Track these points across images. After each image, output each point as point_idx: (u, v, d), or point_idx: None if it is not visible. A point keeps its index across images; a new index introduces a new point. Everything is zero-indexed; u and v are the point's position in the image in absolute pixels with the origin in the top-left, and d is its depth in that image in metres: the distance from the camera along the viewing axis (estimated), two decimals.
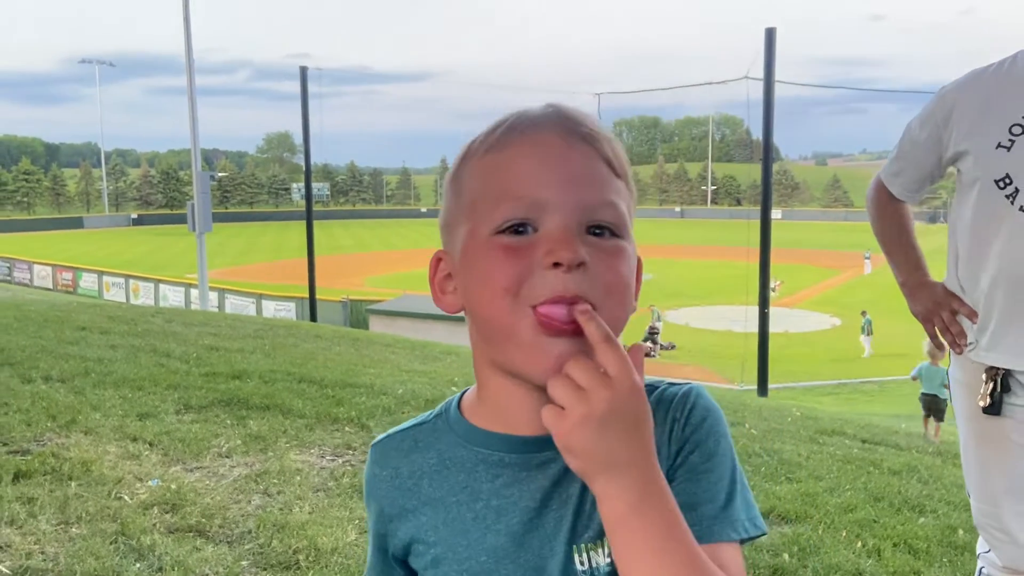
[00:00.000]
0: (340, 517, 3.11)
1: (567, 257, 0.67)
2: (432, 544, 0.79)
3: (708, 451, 0.75)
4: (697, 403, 0.77)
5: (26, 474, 3.30)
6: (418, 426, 0.83)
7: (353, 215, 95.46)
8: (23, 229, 71.23)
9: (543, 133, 0.72)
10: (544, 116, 0.74)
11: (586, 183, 0.71)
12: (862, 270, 39.45)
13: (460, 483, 0.78)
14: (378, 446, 0.85)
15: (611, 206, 0.71)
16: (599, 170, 0.72)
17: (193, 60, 20.08)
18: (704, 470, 0.74)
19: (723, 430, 0.77)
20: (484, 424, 0.79)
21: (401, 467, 0.82)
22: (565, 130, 0.72)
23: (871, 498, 3.77)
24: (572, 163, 0.71)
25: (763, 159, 16.34)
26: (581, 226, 0.70)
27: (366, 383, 5.64)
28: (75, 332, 7.33)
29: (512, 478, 0.76)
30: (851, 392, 17.62)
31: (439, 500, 0.79)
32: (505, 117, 0.75)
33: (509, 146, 0.72)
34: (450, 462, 0.79)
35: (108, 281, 33.77)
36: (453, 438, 0.80)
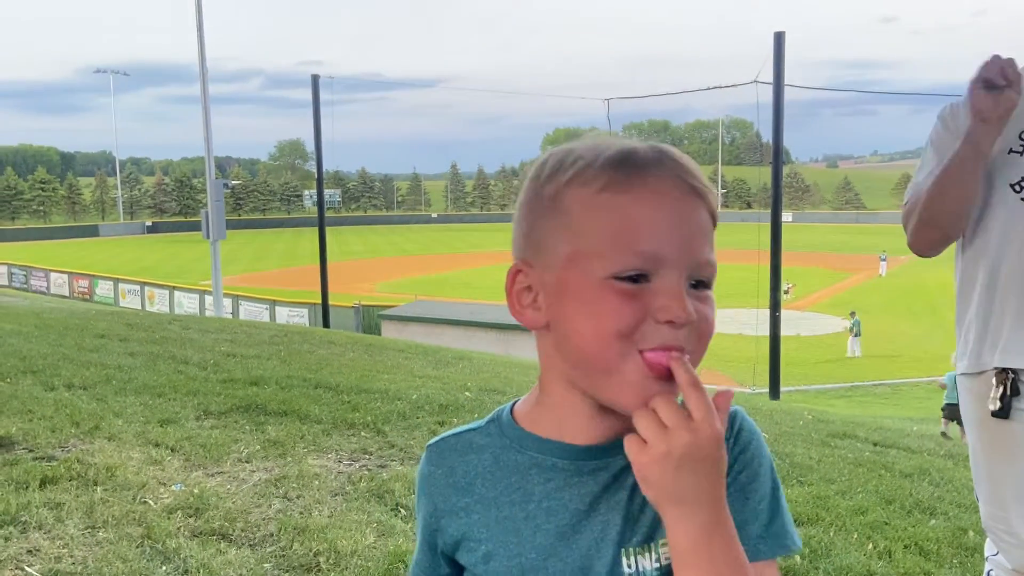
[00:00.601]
0: (359, 520, 3.17)
1: (682, 317, 0.72)
2: (483, 541, 0.83)
3: (754, 472, 0.81)
4: (743, 425, 0.82)
5: (52, 480, 3.38)
6: (473, 431, 0.88)
7: (364, 221, 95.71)
8: (39, 237, 71.86)
9: (663, 182, 0.74)
10: (658, 161, 0.75)
11: (698, 240, 0.75)
12: (876, 272, 39.28)
13: (513, 484, 0.83)
14: (434, 446, 0.89)
15: (712, 263, 0.76)
16: (707, 226, 0.76)
17: (207, 69, 20.28)
18: (751, 490, 0.80)
19: (766, 451, 0.83)
20: (540, 431, 0.83)
21: (456, 466, 0.86)
22: (683, 182, 0.75)
23: (882, 500, 3.80)
24: (690, 220, 0.75)
25: (773, 162, 16.34)
26: (688, 281, 0.74)
27: (381, 388, 5.71)
28: (95, 340, 7.45)
29: (564, 482, 0.81)
30: (863, 395, 17.57)
31: (492, 500, 0.83)
32: (609, 148, 0.77)
33: (630, 190, 0.74)
34: (504, 464, 0.84)
35: (124, 288, 34.03)
36: (506, 443, 0.84)
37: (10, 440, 3.88)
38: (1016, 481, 1.93)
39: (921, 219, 1.98)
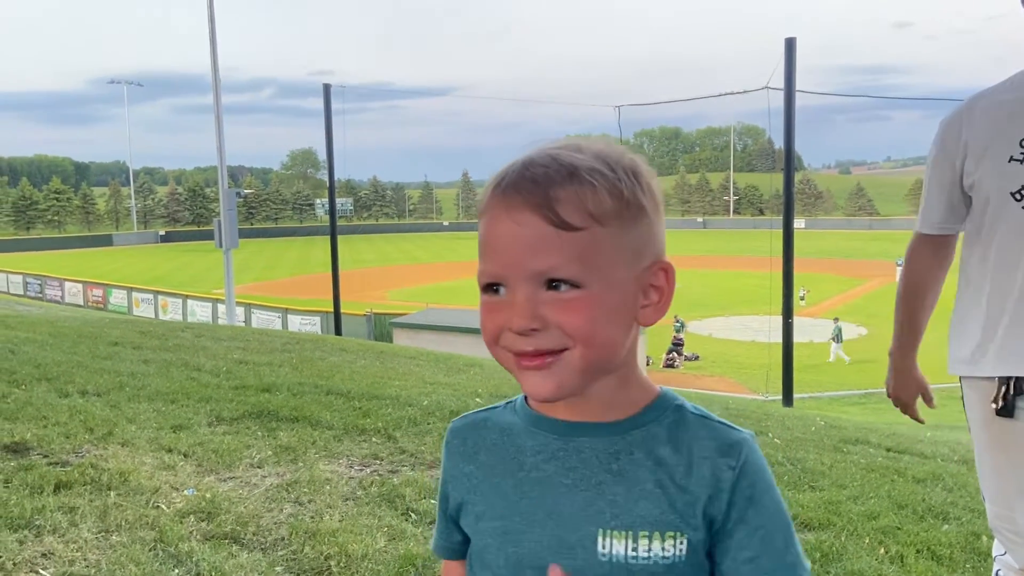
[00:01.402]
0: (369, 525, 3.18)
1: (517, 326, 0.80)
2: (476, 503, 0.91)
3: (764, 507, 0.84)
4: (750, 458, 0.85)
5: (67, 485, 3.41)
6: (491, 409, 0.96)
7: (376, 230, 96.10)
8: (54, 247, 72.51)
9: (501, 202, 0.81)
10: (508, 182, 0.81)
11: (528, 253, 0.79)
12: (891, 278, 39.09)
13: (510, 455, 0.90)
14: (455, 422, 0.97)
15: (560, 267, 0.78)
16: (541, 236, 0.78)
17: (219, 79, 20.45)
18: (759, 525, 0.83)
19: (772, 482, 0.86)
20: (538, 409, 0.90)
21: (468, 439, 0.94)
22: (514, 203, 0.80)
23: (895, 506, 3.78)
24: (518, 235, 0.79)
25: (785, 168, 16.29)
26: (540, 286, 0.79)
27: (392, 395, 5.73)
28: (108, 347, 7.51)
29: (551, 455, 0.87)
30: (878, 402, 17.44)
31: (490, 467, 0.91)
32: (502, 168, 0.84)
33: (485, 212, 0.83)
34: (507, 437, 0.91)
35: (137, 297, 34.28)
36: (515, 420, 0.92)
37: (25, 446, 3.92)
38: (1021, 480, 1.93)
39: (901, 281, 2.20)
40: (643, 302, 0.84)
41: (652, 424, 0.86)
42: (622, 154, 0.85)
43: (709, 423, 0.86)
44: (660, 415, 0.86)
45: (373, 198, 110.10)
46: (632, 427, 0.85)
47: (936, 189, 2.04)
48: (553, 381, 0.81)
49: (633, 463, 0.84)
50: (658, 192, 0.86)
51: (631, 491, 0.83)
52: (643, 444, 0.85)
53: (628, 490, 0.83)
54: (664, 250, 0.86)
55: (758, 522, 0.83)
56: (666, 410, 0.87)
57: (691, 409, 0.88)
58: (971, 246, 2.02)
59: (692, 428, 0.86)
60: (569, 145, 0.84)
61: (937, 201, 2.04)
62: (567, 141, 0.85)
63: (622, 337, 0.83)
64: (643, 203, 0.82)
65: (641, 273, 0.83)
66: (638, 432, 0.85)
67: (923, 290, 2.13)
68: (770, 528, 0.83)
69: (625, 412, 0.86)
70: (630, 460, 0.84)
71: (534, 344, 0.80)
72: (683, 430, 0.86)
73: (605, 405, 0.85)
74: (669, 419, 0.86)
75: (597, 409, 0.86)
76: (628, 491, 0.83)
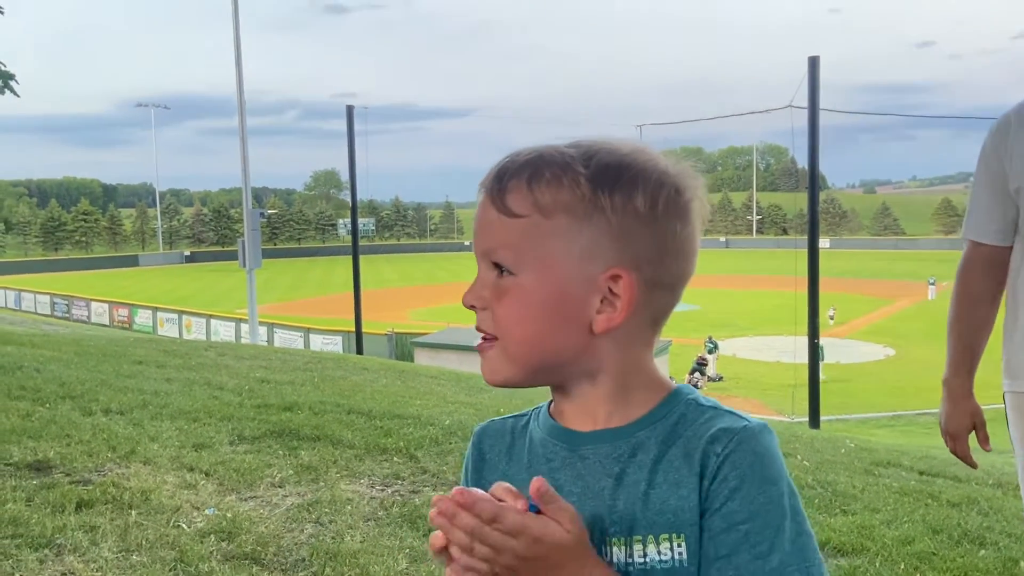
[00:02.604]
0: (391, 546, 3.14)
1: (464, 300, 0.85)
2: None
3: (751, 500, 0.76)
4: (744, 445, 0.78)
5: (88, 503, 3.39)
6: (517, 417, 0.94)
7: (398, 249, 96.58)
8: (81, 268, 73.54)
9: (478, 192, 0.86)
10: (486, 173, 0.85)
11: (484, 234, 0.84)
12: (917, 299, 38.61)
13: (525, 464, 0.88)
14: (481, 426, 0.96)
15: (498, 249, 0.82)
16: (490, 218, 0.83)
17: (244, 101, 20.70)
18: (742, 519, 0.76)
19: (772, 476, 0.78)
20: (556, 417, 0.89)
21: (495, 445, 0.93)
22: (483, 187, 0.85)
23: (929, 530, 3.67)
24: (479, 217, 0.84)
25: (809, 187, 16.17)
26: (490, 267, 0.83)
27: (413, 414, 5.69)
28: (132, 366, 7.54)
29: (560, 464, 0.86)
30: (907, 424, 17.16)
31: (509, 476, 0.87)
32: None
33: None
34: (525, 446, 0.90)
35: (162, 317, 34.62)
36: (536, 428, 0.90)
37: (48, 464, 3.92)
38: None
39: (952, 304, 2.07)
40: (599, 308, 0.80)
41: (658, 423, 0.82)
42: (626, 155, 0.82)
43: (715, 412, 0.82)
44: (668, 412, 0.83)
45: (395, 218, 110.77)
46: (638, 429, 0.82)
47: (988, 197, 1.94)
48: (488, 367, 0.84)
49: (633, 466, 0.81)
50: (668, 207, 0.81)
51: (629, 495, 0.80)
52: (645, 444, 0.81)
53: (627, 494, 0.80)
54: (646, 263, 0.80)
55: (740, 517, 0.76)
56: (675, 406, 0.83)
57: (703, 401, 0.83)
58: (1017, 255, 1.94)
59: (697, 421, 0.81)
60: (576, 142, 0.84)
61: (991, 209, 1.94)
62: (582, 138, 0.85)
63: (557, 335, 0.81)
64: (603, 204, 0.79)
65: (596, 276, 0.80)
66: (643, 433, 0.82)
67: (978, 308, 2.00)
68: (755, 526, 0.75)
69: (631, 415, 0.83)
70: (631, 463, 0.81)
71: (480, 322, 0.84)
72: (687, 424, 0.81)
73: (607, 410, 0.84)
74: (676, 414, 0.82)
75: (601, 416, 0.84)
76: (627, 496, 0.80)
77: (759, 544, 0.76)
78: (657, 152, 0.84)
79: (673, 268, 0.83)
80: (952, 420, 2.03)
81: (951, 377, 2.03)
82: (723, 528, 0.77)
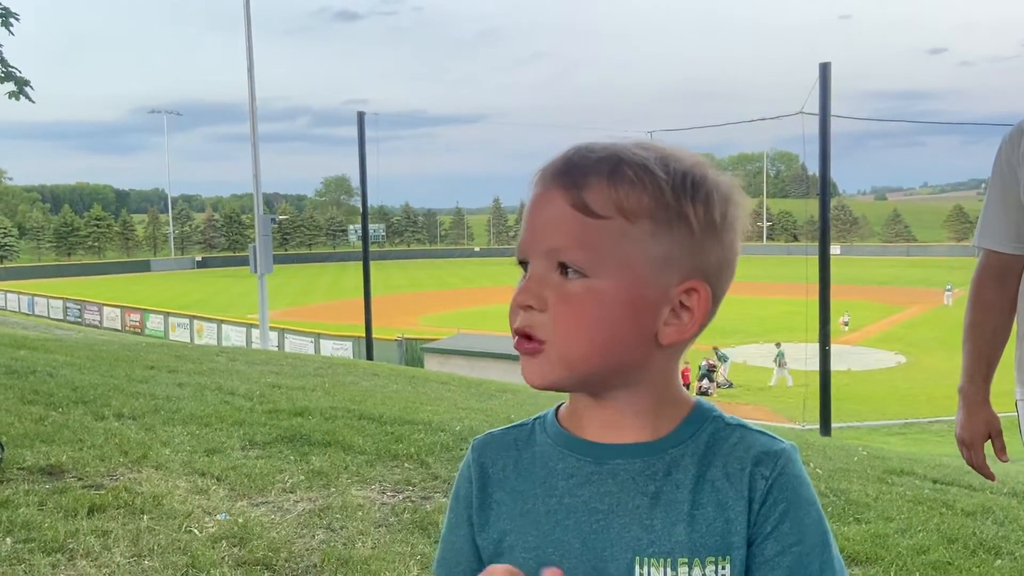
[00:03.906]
0: (402, 552, 3.13)
1: (519, 299, 0.79)
2: (508, 532, 0.85)
3: (799, 523, 0.79)
4: (787, 469, 0.80)
5: (100, 508, 3.40)
6: (519, 427, 0.90)
7: (408, 255, 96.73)
8: (94, 273, 74.00)
9: (538, 184, 0.80)
10: (551, 163, 0.80)
11: (546, 229, 0.78)
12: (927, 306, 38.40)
13: (540, 478, 0.84)
14: (479, 439, 0.92)
15: (570, 249, 0.77)
16: (561, 215, 0.77)
17: (256, 108, 20.81)
18: (794, 541, 0.78)
19: (812, 497, 0.80)
20: (572, 428, 0.85)
21: (498, 459, 0.88)
22: (548, 178, 0.79)
23: (944, 540, 3.64)
24: (544, 212, 0.79)
25: (820, 194, 16.11)
26: (553, 268, 0.78)
27: (424, 420, 5.69)
28: (144, 371, 7.57)
29: (584, 479, 0.82)
30: (919, 432, 17.04)
31: (520, 492, 0.85)
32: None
33: (529, 192, 0.82)
34: (537, 459, 0.86)
35: (173, 322, 34.78)
36: (544, 439, 0.86)
37: (60, 468, 3.93)
38: None
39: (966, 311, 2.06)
40: (667, 319, 0.79)
41: (689, 441, 0.81)
42: (695, 165, 0.80)
43: (748, 432, 0.82)
44: (697, 430, 0.82)
45: (405, 224, 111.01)
46: (669, 445, 0.81)
47: (1001, 205, 1.92)
48: (538, 370, 0.79)
49: (671, 484, 0.80)
50: (730, 219, 0.81)
51: (668, 515, 0.79)
52: (680, 463, 0.80)
53: (666, 514, 0.79)
54: (713, 275, 0.80)
55: (792, 539, 0.78)
56: (703, 423, 0.82)
57: (728, 420, 0.83)
58: None
59: (730, 440, 0.81)
60: (641, 143, 0.81)
61: (1005, 218, 1.92)
62: (643, 139, 0.82)
63: (623, 343, 0.78)
64: (688, 213, 0.78)
65: (670, 286, 0.78)
66: (675, 451, 0.81)
67: (993, 316, 1.98)
68: (806, 547, 0.78)
69: (661, 430, 0.82)
70: (667, 481, 0.80)
71: (523, 322, 0.79)
72: (720, 443, 0.81)
73: (638, 423, 0.81)
74: (707, 433, 0.82)
75: (631, 428, 0.81)
76: (666, 515, 0.79)
77: (811, 564, 0.78)
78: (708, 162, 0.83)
79: (728, 282, 0.83)
80: (967, 429, 2.00)
81: (966, 385, 2.01)
82: (777, 552, 0.78)
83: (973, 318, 2.01)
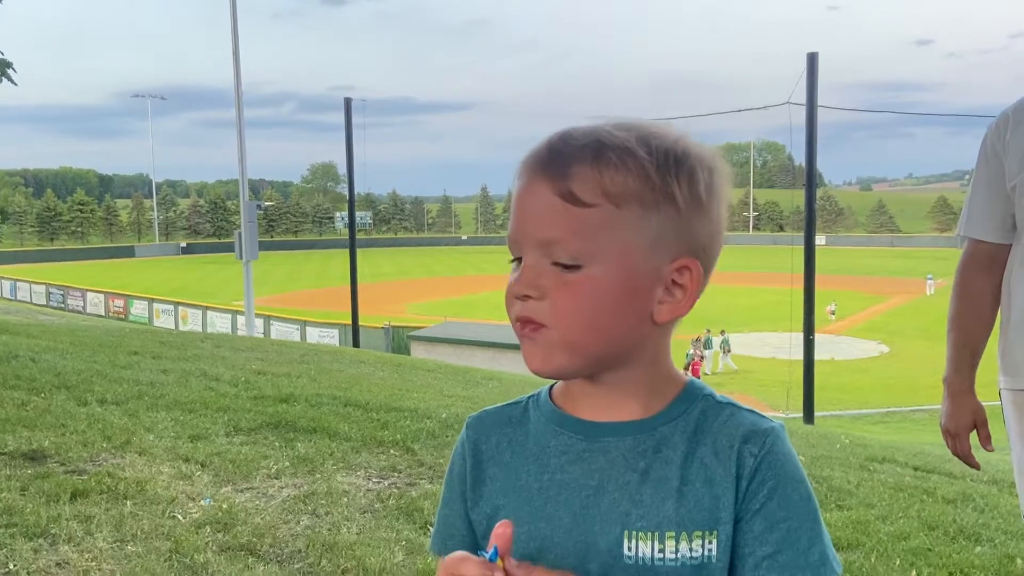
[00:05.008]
0: (387, 538, 3.13)
1: (516, 290, 0.79)
2: (501, 507, 0.86)
3: (787, 499, 0.79)
4: (775, 447, 0.80)
5: (83, 493, 3.38)
6: (513, 405, 0.91)
7: (395, 243, 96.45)
8: (77, 258, 73.37)
9: (523, 175, 0.80)
10: (536, 152, 0.80)
11: (536, 221, 0.78)
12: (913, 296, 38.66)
13: (533, 455, 0.86)
14: (474, 417, 0.92)
15: (562, 242, 0.77)
16: (552, 208, 0.77)
17: (242, 93, 20.62)
18: (782, 517, 0.79)
19: (800, 475, 0.81)
20: (565, 406, 0.86)
21: (492, 435, 0.89)
22: (533, 168, 0.79)
23: (925, 526, 3.68)
24: (531, 204, 0.78)
25: (806, 184, 16.15)
26: (546, 259, 0.78)
27: (410, 407, 5.69)
28: (128, 357, 7.52)
29: (576, 456, 0.83)
30: (901, 420, 17.20)
31: (514, 468, 0.86)
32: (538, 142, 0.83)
33: (515, 183, 0.81)
34: (530, 436, 0.87)
35: (158, 308, 34.55)
36: (538, 416, 0.87)
37: (43, 454, 3.91)
38: None
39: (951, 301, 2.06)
40: (661, 297, 0.79)
41: (679, 419, 0.82)
42: (677, 140, 0.80)
43: (737, 411, 0.83)
44: (688, 408, 0.83)
45: (392, 212, 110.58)
46: (659, 423, 0.82)
47: (987, 194, 1.93)
48: (539, 353, 0.79)
49: (660, 460, 0.81)
50: (715, 190, 0.81)
51: (658, 491, 0.80)
52: (670, 440, 0.81)
53: (655, 490, 0.80)
54: (703, 250, 0.81)
55: (780, 515, 0.79)
56: (694, 402, 0.83)
57: (719, 399, 0.84)
58: (1011, 254, 1.93)
59: (719, 418, 0.82)
60: (621, 123, 0.80)
61: (990, 207, 1.93)
62: (623, 119, 0.80)
63: (622, 326, 0.79)
64: (674, 192, 0.77)
65: (662, 266, 0.79)
66: (665, 428, 0.82)
67: (978, 305, 1.98)
68: (794, 523, 0.79)
69: (653, 408, 0.83)
70: (657, 458, 0.81)
71: (527, 311, 0.79)
72: (710, 421, 0.82)
73: (631, 402, 0.82)
74: (697, 411, 0.83)
75: (623, 407, 0.82)
76: (655, 491, 0.80)
77: (800, 540, 0.79)
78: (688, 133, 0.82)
79: (718, 252, 0.83)
80: (953, 418, 2.01)
81: (952, 375, 2.02)
82: (765, 528, 0.79)
83: (958, 308, 2.01)
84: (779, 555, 0.78)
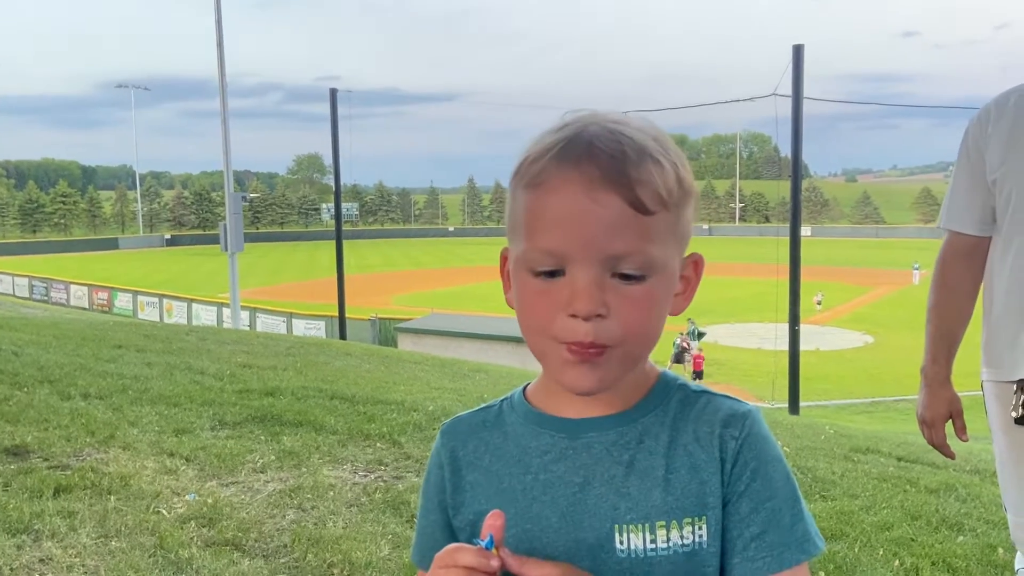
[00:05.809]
0: (373, 532, 3.13)
1: (584, 310, 0.74)
2: (483, 512, 0.83)
3: (770, 479, 0.80)
4: (754, 429, 0.81)
5: (66, 488, 3.36)
6: (486, 409, 0.91)
7: (381, 235, 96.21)
8: (60, 250, 72.73)
9: (571, 176, 0.74)
10: (578, 154, 0.74)
11: (607, 237, 0.73)
12: (895, 287, 38.94)
13: (514, 457, 0.85)
14: (448, 424, 0.92)
15: (633, 255, 0.74)
16: (623, 219, 0.73)
17: (226, 83, 20.47)
18: (766, 498, 0.80)
19: (779, 455, 0.82)
20: (541, 406, 0.86)
21: (468, 442, 0.88)
22: (592, 177, 0.73)
23: (908, 516, 3.71)
24: (594, 218, 0.73)
25: (792, 175, 16.23)
26: (606, 272, 0.75)
27: (397, 400, 5.68)
28: (112, 350, 7.47)
29: (559, 455, 0.83)
30: (885, 411, 17.34)
31: (495, 472, 0.86)
32: (554, 137, 0.77)
33: (542, 184, 0.75)
34: (509, 439, 0.86)
35: (142, 300, 34.32)
36: (515, 418, 0.87)
37: (25, 449, 3.87)
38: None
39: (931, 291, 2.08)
40: (675, 291, 0.81)
41: (659, 409, 0.83)
42: (664, 135, 0.80)
43: (713, 397, 0.84)
44: (665, 398, 0.84)
45: (379, 203, 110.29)
46: (640, 415, 0.83)
47: (968, 187, 1.95)
48: (597, 375, 0.77)
49: (644, 451, 0.81)
50: (691, 175, 0.83)
51: (644, 481, 0.80)
52: (652, 430, 0.82)
53: (641, 480, 0.80)
54: (688, 240, 0.83)
55: (764, 495, 0.80)
56: (670, 391, 0.84)
57: (693, 387, 0.86)
58: (1004, 250, 1.93)
59: (697, 405, 0.83)
60: (619, 119, 0.79)
61: (971, 199, 1.95)
62: (610, 114, 0.79)
63: (662, 329, 0.81)
64: (693, 188, 0.80)
65: (681, 263, 0.81)
66: (646, 419, 0.82)
67: (957, 297, 2.01)
68: (777, 503, 0.80)
69: (630, 400, 0.83)
70: (641, 449, 0.81)
71: (594, 334, 0.74)
72: (689, 409, 0.83)
73: (611, 396, 0.82)
74: (675, 400, 0.84)
75: (602, 401, 0.82)
76: (641, 481, 0.80)
77: (783, 518, 0.80)
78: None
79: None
80: (929, 409, 2.04)
81: (929, 365, 2.04)
82: (751, 509, 0.80)
83: (937, 299, 2.03)
84: (765, 535, 0.79)
